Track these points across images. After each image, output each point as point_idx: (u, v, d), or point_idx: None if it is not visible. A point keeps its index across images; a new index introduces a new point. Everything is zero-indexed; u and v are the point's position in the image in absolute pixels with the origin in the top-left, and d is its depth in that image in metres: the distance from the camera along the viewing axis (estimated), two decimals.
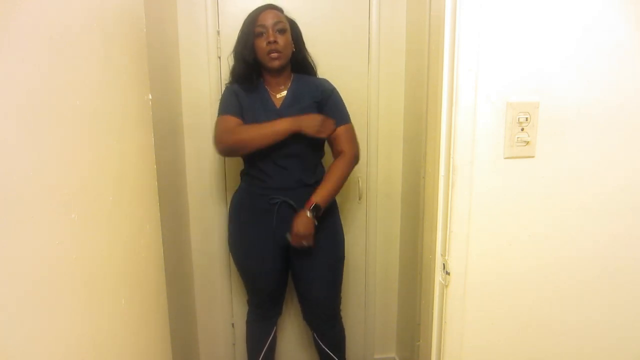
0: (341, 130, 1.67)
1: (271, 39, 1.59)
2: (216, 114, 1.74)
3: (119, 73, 0.91)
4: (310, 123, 1.58)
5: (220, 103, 1.72)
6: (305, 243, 1.60)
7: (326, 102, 1.67)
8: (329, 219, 1.75)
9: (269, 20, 1.60)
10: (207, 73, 1.93)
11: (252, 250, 1.73)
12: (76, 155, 0.72)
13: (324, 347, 1.87)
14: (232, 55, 1.72)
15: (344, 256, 1.82)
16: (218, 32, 1.91)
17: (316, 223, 1.60)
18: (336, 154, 1.69)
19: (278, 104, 1.67)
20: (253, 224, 1.71)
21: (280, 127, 1.56)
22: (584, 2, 1.00)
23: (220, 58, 1.93)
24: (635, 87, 1.05)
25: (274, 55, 1.60)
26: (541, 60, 1.01)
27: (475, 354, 1.13)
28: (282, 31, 1.61)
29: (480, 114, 1.01)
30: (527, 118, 1.02)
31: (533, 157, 1.05)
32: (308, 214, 1.58)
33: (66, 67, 0.70)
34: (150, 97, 1.08)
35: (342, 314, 1.93)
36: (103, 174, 0.82)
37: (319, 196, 1.60)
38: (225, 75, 1.92)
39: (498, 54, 0.99)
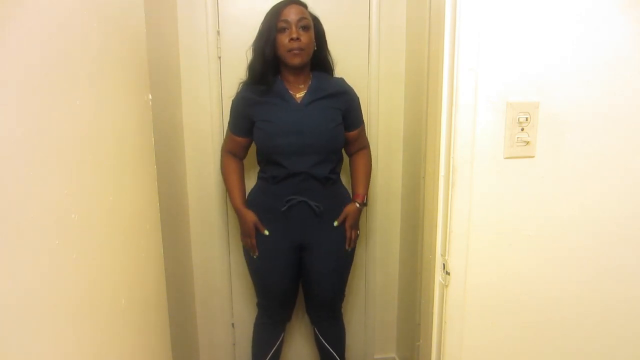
0: (362, 130, 1.81)
1: (294, 35, 1.54)
2: (216, 113, 1.75)
3: (119, 73, 0.91)
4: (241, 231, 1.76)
5: (230, 113, 1.72)
6: (358, 232, 1.80)
7: (350, 108, 1.73)
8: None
9: (293, 15, 1.55)
10: (207, 73, 1.93)
11: (268, 250, 1.72)
12: (76, 155, 0.72)
13: (324, 343, 1.89)
14: (250, 49, 1.65)
15: (353, 256, 1.83)
16: (218, 33, 1.91)
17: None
18: (355, 149, 1.82)
19: (299, 100, 1.65)
20: (270, 225, 1.70)
21: (234, 204, 1.75)
22: (584, 3, 1.00)
23: (220, 58, 1.93)
24: (635, 87, 1.05)
25: (296, 52, 1.56)
26: (541, 60, 1.01)
27: (475, 354, 1.13)
28: (305, 28, 1.57)
29: (480, 114, 1.01)
30: (527, 118, 1.02)
31: (533, 157, 1.05)
32: (358, 205, 1.76)
33: (66, 66, 0.70)
34: (150, 97, 1.08)
35: (342, 313, 1.94)
36: (103, 174, 0.82)
37: (363, 189, 1.80)
38: (225, 75, 1.92)
39: (498, 54, 0.99)
